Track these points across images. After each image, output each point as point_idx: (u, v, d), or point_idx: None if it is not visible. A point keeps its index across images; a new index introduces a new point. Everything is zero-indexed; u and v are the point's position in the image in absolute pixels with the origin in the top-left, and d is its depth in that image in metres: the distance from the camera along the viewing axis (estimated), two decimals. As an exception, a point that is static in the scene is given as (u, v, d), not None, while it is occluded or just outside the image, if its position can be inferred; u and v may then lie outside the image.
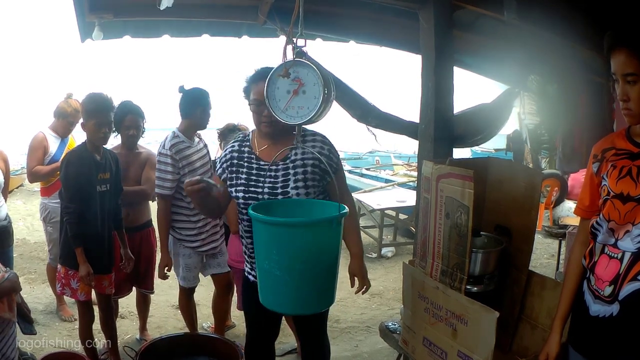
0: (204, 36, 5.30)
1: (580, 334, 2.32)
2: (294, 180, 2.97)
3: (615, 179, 2.19)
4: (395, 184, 11.91)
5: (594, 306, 2.22)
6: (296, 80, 2.65)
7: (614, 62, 2.10)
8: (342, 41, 5.45)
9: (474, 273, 2.68)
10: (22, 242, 8.78)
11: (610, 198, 2.19)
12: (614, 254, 2.17)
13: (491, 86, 9.11)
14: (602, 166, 2.28)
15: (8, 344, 2.83)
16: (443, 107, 3.57)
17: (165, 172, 4.33)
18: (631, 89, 2.06)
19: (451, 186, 2.51)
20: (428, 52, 3.59)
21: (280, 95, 2.68)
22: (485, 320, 2.34)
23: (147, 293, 5.15)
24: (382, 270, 8.01)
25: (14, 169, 9.12)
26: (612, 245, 2.18)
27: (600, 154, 2.31)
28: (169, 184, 4.37)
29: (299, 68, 2.66)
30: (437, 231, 2.65)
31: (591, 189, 2.38)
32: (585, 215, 2.43)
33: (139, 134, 4.76)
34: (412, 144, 15.95)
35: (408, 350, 3.00)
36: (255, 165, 3.07)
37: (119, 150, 4.70)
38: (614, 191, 2.17)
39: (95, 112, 4.01)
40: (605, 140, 2.35)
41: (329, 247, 2.60)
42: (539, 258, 7.89)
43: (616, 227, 2.16)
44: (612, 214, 2.17)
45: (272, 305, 2.71)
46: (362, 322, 5.98)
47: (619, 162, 2.21)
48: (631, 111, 2.10)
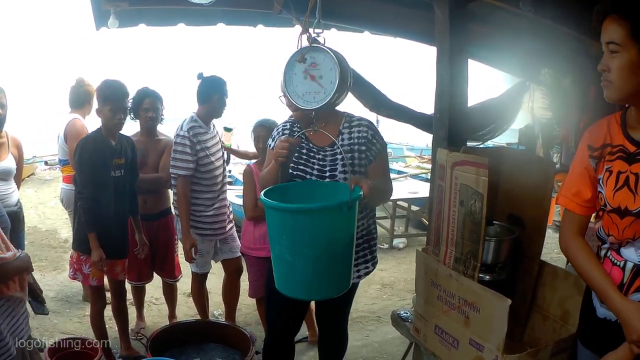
0: (219, 25, 5.30)
1: (588, 331, 2.29)
2: (342, 165, 3.07)
3: (612, 189, 2.06)
4: (408, 176, 11.88)
5: (600, 309, 2.18)
6: (313, 66, 2.67)
7: (603, 32, 1.99)
8: (357, 31, 5.45)
9: (486, 261, 2.68)
10: (34, 229, 8.84)
11: (607, 212, 2.09)
12: (617, 262, 2.10)
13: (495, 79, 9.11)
14: (599, 165, 2.14)
15: (19, 322, 2.84)
16: (458, 97, 3.56)
17: (183, 153, 4.36)
18: (611, 60, 1.95)
19: (466, 174, 2.51)
20: (443, 42, 3.58)
21: (298, 80, 2.70)
22: (498, 308, 2.34)
23: (171, 282, 5.19)
24: (393, 261, 8.01)
25: (26, 158, 9.17)
26: (616, 251, 2.11)
27: (599, 150, 2.15)
28: (188, 165, 4.42)
29: (316, 53, 2.67)
30: (451, 218, 2.65)
31: (591, 182, 2.18)
32: (581, 212, 2.22)
33: (158, 117, 4.79)
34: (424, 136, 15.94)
35: (419, 339, 3.01)
36: (305, 146, 3.17)
37: (138, 137, 4.73)
38: (612, 205, 2.06)
39: (111, 98, 4.04)
40: (600, 128, 2.19)
41: (339, 233, 2.59)
42: (549, 252, 7.86)
43: (616, 241, 2.08)
44: (611, 228, 2.08)
45: (285, 290, 2.72)
46: (372, 312, 6.00)
47: (615, 165, 2.07)
48: (610, 83, 1.98)
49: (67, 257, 6.00)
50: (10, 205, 4.42)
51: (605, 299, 2.09)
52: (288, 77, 2.70)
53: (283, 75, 2.70)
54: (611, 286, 2.06)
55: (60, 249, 7.81)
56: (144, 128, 4.79)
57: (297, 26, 3.34)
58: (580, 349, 2.32)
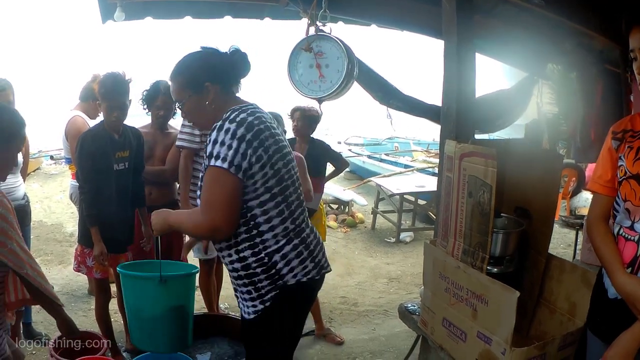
0: (225, 18, 5.29)
1: (599, 317, 2.32)
2: None
3: (632, 160, 2.19)
4: (415, 170, 11.90)
5: (611, 289, 2.22)
6: (319, 54, 2.66)
7: (633, 39, 2.10)
8: (364, 25, 5.43)
9: (494, 254, 2.67)
10: (39, 224, 8.87)
11: (627, 178, 2.19)
12: (630, 236, 2.18)
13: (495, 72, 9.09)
14: (621, 145, 2.29)
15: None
16: (466, 89, 3.55)
17: (191, 127, 4.39)
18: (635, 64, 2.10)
19: (474, 165, 2.51)
20: (450, 34, 3.57)
21: (303, 69, 2.69)
22: (506, 300, 2.33)
23: None
24: (400, 255, 8.02)
25: (31, 153, 9.18)
26: (629, 227, 2.19)
27: (621, 133, 2.31)
28: (194, 138, 4.47)
29: (322, 42, 2.68)
30: (460, 210, 2.64)
31: (612, 163, 2.33)
32: (604, 192, 2.37)
33: (169, 116, 4.79)
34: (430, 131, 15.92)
35: (427, 331, 3.00)
36: None
37: (148, 129, 4.74)
38: (631, 172, 2.18)
39: (106, 95, 4.03)
40: (625, 121, 2.35)
41: (148, 301, 3.13)
42: (555, 247, 7.89)
43: (632, 208, 2.16)
44: (629, 194, 2.18)
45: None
46: (379, 306, 6.01)
47: (636, 143, 2.22)
48: None
49: (72, 251, 6.02)
50: (17, 198, 4.42)
51: (610, 274, 2.22)
52: (292, 65, 2.70)
53: (287, 63, 2.69)
54: (619, 263, 2.19)
55: (66, 243, 7.83)
56: (154, 122, 4.78)
57: (304, 19, 3.34)
58: (590, 337, 2.35)
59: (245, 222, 2.53)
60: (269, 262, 2.55)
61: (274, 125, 2.64)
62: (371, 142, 18.64)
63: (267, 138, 2.50)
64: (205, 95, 2.61)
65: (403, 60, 47.33)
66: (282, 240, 2.57)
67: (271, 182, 2.52)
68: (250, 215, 2.52)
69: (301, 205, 2.74)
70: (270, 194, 2.53)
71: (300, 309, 2.79)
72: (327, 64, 2.67)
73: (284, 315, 2.64)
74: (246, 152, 2.41)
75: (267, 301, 2.58)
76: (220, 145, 2.41)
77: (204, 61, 2.67)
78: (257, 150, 2.44)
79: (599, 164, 2.41)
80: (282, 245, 2.57)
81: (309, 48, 2.65)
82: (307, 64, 2.68)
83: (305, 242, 2.65)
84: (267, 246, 2.55)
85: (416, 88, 5.54)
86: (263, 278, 2.57)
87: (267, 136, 2.51)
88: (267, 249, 2.55)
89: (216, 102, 2.63)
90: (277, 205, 2.55)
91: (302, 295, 2.69)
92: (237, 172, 2.40)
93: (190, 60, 2.70)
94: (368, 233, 9.29)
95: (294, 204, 2.65)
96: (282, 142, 2.65)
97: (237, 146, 2.40)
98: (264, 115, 2.60)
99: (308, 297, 2.82)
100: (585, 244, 4.11)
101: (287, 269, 2.56)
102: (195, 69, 2.65)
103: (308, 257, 2.64)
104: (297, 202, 2.69)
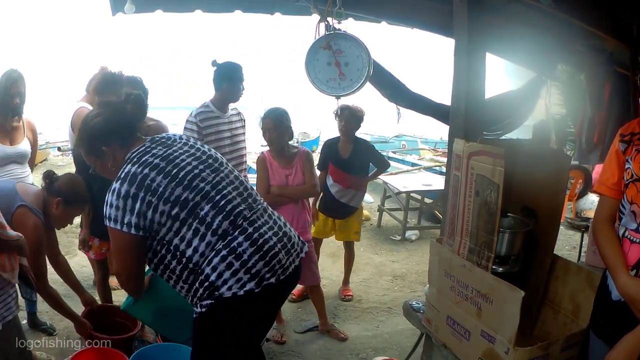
0: (236, 12, 5.28)
1: (602, 319, 2.33)
2: None
3: (639, 163, 2.21)
4: (422, 168, 11.88)
5: (615, 292, 2.23)
6: (338, 52, 2.67)
7: None
8: (374, 21, 5.42)
9: (500, 253, 2.69)
10: (46, 214, 8.85)
11: (633, 181, 2.20)
12: (636, 239, 2.18)
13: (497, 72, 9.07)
14: (628, 148, 2.30)
15: (7, 301, 3.01)
16: (475, 88, 3.55)
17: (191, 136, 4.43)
18: None
19: (482, 164, 2.51)
20: (461, 32, 3.56)
21: (320, 67, 2.70)
22: (511, 300, 2.33)
23: None
24: (405, 253, 8.00)
25: (39, 144, 9.18)
26: (634, 230, 2.19)
27: (629, 135, 2.31)
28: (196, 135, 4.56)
29: (341, 40, 2.68)
30: (467, 209, 2.64)
31: (619, 166, 2.34)
32: (611, 194, 2.37)
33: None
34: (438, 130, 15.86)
35: (431, 329, 3.01)
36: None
37: None
38: (638, 175, 2.19)
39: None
40: (633, 124, 2.36)
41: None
42: (560, 249, 7.86)
43: (638, 210, 2.17)
44: (635, 197, 2.18)
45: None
46: (383, 303, 6.00)
47: None
48: None
49: (77, 242, 6.03)
50: (25, 189, 4.44)
51: (613, 275, 2.24)
52: (310, 63, 2.70)
53: (305, 61, 2.70)
54: (622, 265, 2.20)
55: (72, 233, 7.81)
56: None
57: (315, 15, 3.33)
58: (593, 340, 2.35)
59: (172, 255, 2.64)
60: (202, 274, 2.60)
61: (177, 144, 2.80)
62: (378, 140, 18.58)
63: (154, 179, 2.57)
64: (107, 158, 2.78)
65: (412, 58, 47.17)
66: (210, 254, 2.60)
67: (175, 210, 2.57)
68: (172, 247, 2.61)
69: (223, 211, 2.67)
70: (179, 221, 2.59)
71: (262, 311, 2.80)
72: (347, 62, 2.68)
73: (221, 324, 2.67)
74: (133, 208, 2.53)
75: (204, 307, 2.62)
76: (109, 207, 2.58)
77: (97, 129, 2.77)
78: (144, 199, 2.53)
79: (606, 166, 2.42)
80: (211, 259, 2.60)
81: (328, 46, 2.65)
82: (325, 61, 2.69)
83: (235, 252, 2.61)
84: (196, 263, 2.61)
85: (424, 86, 5.54)
86: (198, 286, 2.64)
87: (153, 177, 2.58)
88: (198, 265, 2.61)
89: (117, 159, 2.77)
90: (190, 227, 2.60)
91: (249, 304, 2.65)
92: (129, 230, 2.54)
93: (85, 130, 2.81)
94: (374, 230, 9.27)
95: (209, 215, 2.63)
96: (180, 157, 2.73)
97: (124, 205, 2.54)
98: (155, 150, 2.71)
99: (270, 299, 2.81)
100: (591, 247, 4.11)
101: (220, 281, 2.57)
102: (90, 139, 2.79)
103: (241, 268, 2.59)
104: (215, 211, 2.65)
